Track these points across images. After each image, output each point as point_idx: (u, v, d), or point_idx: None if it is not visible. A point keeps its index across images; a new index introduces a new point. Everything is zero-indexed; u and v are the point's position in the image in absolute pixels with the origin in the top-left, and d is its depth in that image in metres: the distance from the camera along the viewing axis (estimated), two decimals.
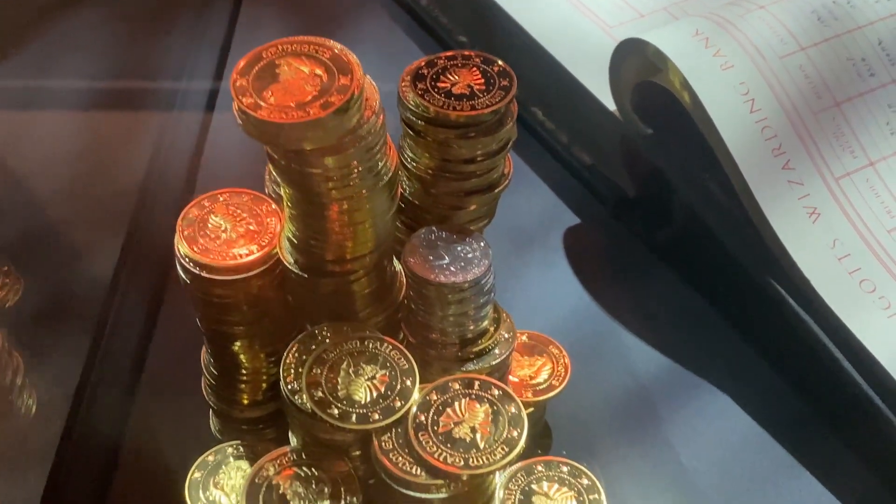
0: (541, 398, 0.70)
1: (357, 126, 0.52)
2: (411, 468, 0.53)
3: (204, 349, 0.68)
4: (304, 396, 0.55)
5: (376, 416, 0.55)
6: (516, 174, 0.93)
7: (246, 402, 0.68)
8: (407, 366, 0.57)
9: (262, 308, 0.62)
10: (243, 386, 0.67)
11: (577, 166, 0.91)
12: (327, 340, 0.58)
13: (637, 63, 0.80)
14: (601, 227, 0.88)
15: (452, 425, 0.54)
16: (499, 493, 0.58)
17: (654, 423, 0.75)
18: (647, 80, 0.79)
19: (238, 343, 0.64)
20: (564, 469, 0.62)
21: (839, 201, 0.75)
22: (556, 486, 0.62)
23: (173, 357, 0.77)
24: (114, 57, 1.00)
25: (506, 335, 0.63)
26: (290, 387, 0.56)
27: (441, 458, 0.53)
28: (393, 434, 0.55)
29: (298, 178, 0.53)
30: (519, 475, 0.62)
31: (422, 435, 0.54)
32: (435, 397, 0.56)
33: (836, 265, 0.73)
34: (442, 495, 0.53)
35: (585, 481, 0.62)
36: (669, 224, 0.85)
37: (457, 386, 0.56)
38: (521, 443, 0.54)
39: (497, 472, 0.57)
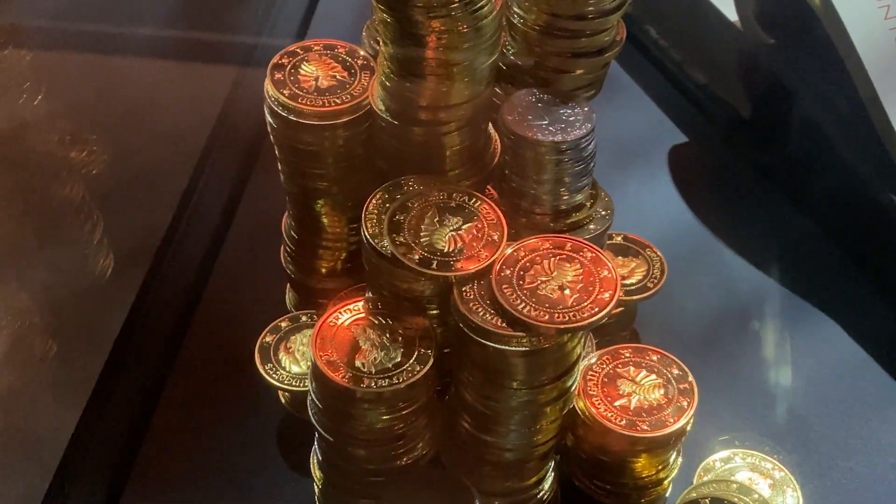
0: (632, 298, 0.66)
1: None
2: (492, 318, 0.50)
3: (286, 215, 0.65)
4: (386, 240, 0.52)
5: (458, 265, 0.51)
6: (623, 91, 0.90)
7: (324, 271, 0.65)
8: (495, 220, 0.53)
9: (348, 164, 0.59)
10: (322, 252, 0.64)
11: (689, 85, 0.87)
12: (413, 189, 0.55)
13: None
14: (710, 148, 0.84)
15: (539, 282, 0.51)
16: (581, 365, 0.54)
17: (752, 342, 0.70)
18: None
19: (321, 202, 0.61)
20: (654, 357, 0.58)
21: None
22: (643, 371, 0.58)
23: (256, 229, 0.75)
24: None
25: (602, 212, 0.59)
26: (371, 231, 0.53)
27: (524, 311, 0.49)
28: (475, 286, 0.51)
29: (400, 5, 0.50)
30: (604, 357, 0.58)
31: (505, 287, 0.50)
32: (523, 254, 0.52)
33: None
34: (522, 349, 0.50)
35: (676, 371, 0.58)
36: (785, 144, 0.79)
37: (547, 245, 0.53)
38: (612, 304, 0.50)
39: (583, 344, 0.53)
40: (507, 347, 0.50)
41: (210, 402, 0.67)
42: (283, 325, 0.65)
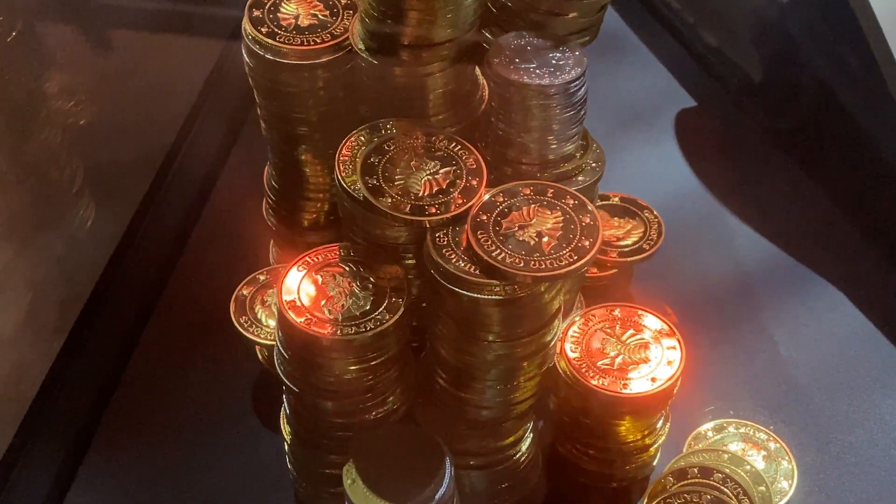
0: (627, 260, 0.64)
1: None
2: (466, 266, 0.47)
3: (267, 166, 0.63)
4: (358, 182, 0.50)
5: (433, 210, 0.49)
6: (631, 54, 0.87)
7: (306, 223, 0.62)
8: (475, 166, 0.51)
9: (329, 108, 0.57)
10: (304, 203, 0.62)
11: (700, 48, 0.83)
12: (391, 132, 0.52)
13: None
14: (718, 112, 0.81)
15: (517, 228, 0.48)
16: (562, 321, 0.52)
17: (751, 310, 0.67)
18: None
19: (302, 149, 0.59)
20: (642, 316, 0.56)
21: None
22: (630, 330, 0.55)
23: (243, 187, 0.73)
24: None
25: (593, 164, 0.56)
26: (343, 172, 0.51)
27: (499, 257, 0.47)
28: (450, 232, 0.49)
29: None
30: (589, 315, 0.56)
31: (480, 233, 0.48)
32: (501, 199, 0.49)
33: None
34: (497, 297, 0.47)
35: (664, 331, 0.55)
36: (797, 110, 0.76)
37: (527, 191, 0.50)
38: (593, 253, 0.47)
39: (562, 296, 0.51)
40: (481, 296, 0.47)
41: (186, 356, 0.65)
42: (261, 277, 0.63)
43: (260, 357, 0.63)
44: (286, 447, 0.56)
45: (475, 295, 0.47)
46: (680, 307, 0.64)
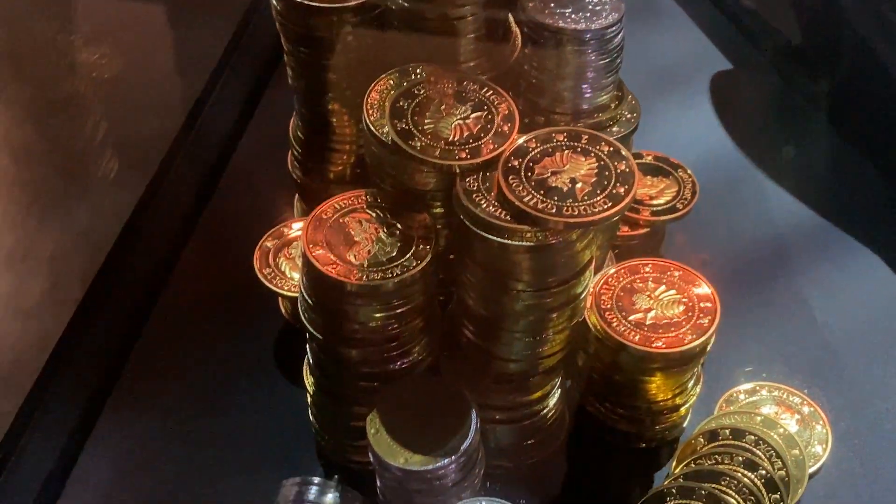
0: (659, 219, 0.62)
1: None
2: (496, 211, 0.46)
3: (293, 117, 0.62)
4: (387, 126, 0.48)
5: (463, 154, 0.47)
6: (667, 16, 0.85)
7: (332, 175, 0.61)
8: (507, 112, 0.49)
9: (357, 55, 0.55)
10: (329, 155, 0.60)
11: (738, 11, 0.82)
12: (421, 76, 0.51)
13: None
14: (755, 75, 0.79)
15: (549, 174, 0.47)
16: (592, 274, 0.50)
17: (787, 274, 0.66)
18: None
19: (329, 97, 0.58)
20: (677, 273, 0.54)
21: None
22: (662, 286, 0.53)
23: (270, 141, 0.71)
24: None
25: (628, 115, 0.55)
26: (372, 117, 0.49)
27: (530, 203, 0.45)
28: (480, 177, 0.47)
29: None
30: (622, 271, 0.54)
31: (512, 178, 0.46)
32: (534, 145, 0.48)
33: None
34: (527, 244, 0.46)
35: (699, 289, 0.53)
36: (836, 71, 0.74)
37: (561, 137, 0.48)
38: (628, 199, 0.45)
39: (596, 246, 0.49)
40: (511, 242, 0.46)
41: (208, 310, 0.64)
42: (286, 231, 0.62)
43: (283, 311, 0.62)
44: (309, 400, 0.55)
45: (505, 241, 0.46)
46: (713, 269, 0.62)
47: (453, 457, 0.47)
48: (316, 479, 0.51)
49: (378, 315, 0.48)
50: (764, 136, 0.74)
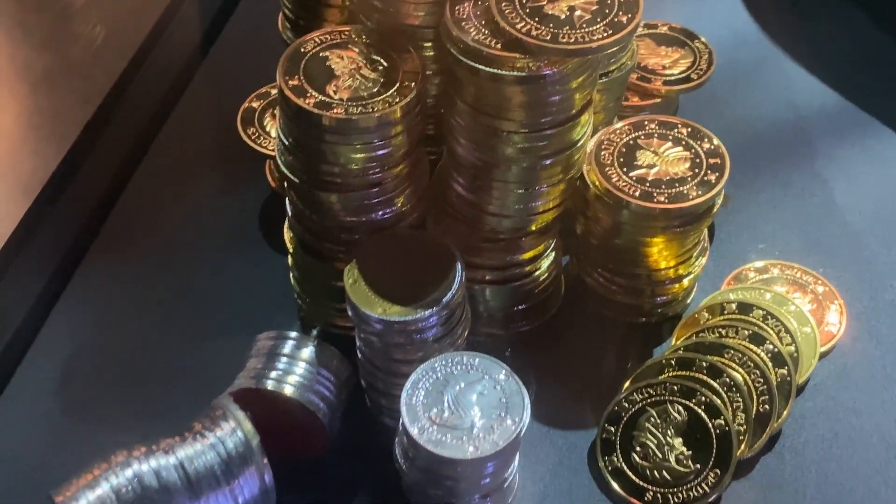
0: (672, 88, 0.58)
1: None
2: (486, 39, 0.42)
3: None
4: None
5: None
6: None
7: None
8: None
9: None
10: (321, 10, 0.57)
11: None
12: None
13: None
14: None
15: (546, 1, 0.43)
16: (591, 122, 0.47)
17: (806, 154, 0.62)
18: None
19: None
20: (685, 129, 0.50)
21: None
22: (668, 143, 0.50)
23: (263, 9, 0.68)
24: None
25: None
26: None
27: (524, 30, 0.42)
28: (471, 4, 0.44)
29: None
30: (625, 127, 0.50)
31: (505, 5, 0.43)
32: None
33: None
34: (517, 75, 0.42)
35: (707, 145, 0.50)
36: None
37: None
38: (630, 28, 0.42)
39: (593, 88, 0.45)
40: (501, 72, 0.42)
41: (193, 171, 0.61)
42: (272, 92, 0.58)
43: (270, 179, 0.59)
44: (289, 261, 0.52)
45: (495, 70, 0.42)
46: (727, 146, 0.59)
47: (435, 308, 0.44)
48: (292, 333, 0.48)
49: (358, 156, 0.45)
50: (786, 15, 0.70)
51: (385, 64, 0.46)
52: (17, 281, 0.54)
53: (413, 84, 0.45)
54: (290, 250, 0.51)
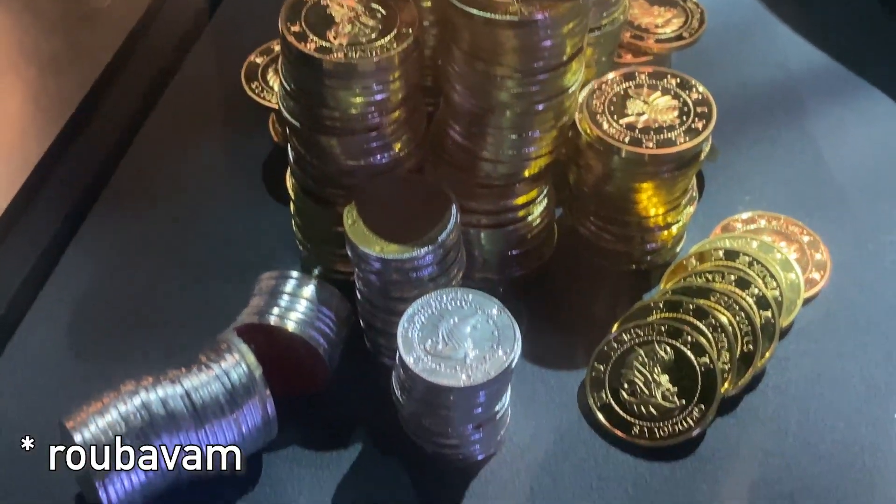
0: (664, 45, 0.60)
1: None
2: None
3: None
4: None
5: None
6: None
7: None
8: None
9: None
10: None
11: None
12: None
13: None
14: None
15: None
16: (582, 68, 0.48)
17: (795, 113, 0.63)
18: None
19: None
20: (674, 80, 0.52)
21: None
22: (657, 93, 0.51)
23: None
24: None
25: None
26: None
27: None
28: None
29: None
30: (617, 77, 0.52)
31: None
32: None
33: None
34: (511, 19, 0.43)
35: (696, 95, 0.51)
36: None
37: None
38: None
39: (584, 34, 0.47)
40: (495, 16, 0.44)
41: (199, 124, 0.63)
42: (276, 48, 0.60)
43: (273, 134, 0.61)
44: (291, 208, 0.54)
45: (489, 15, 0.44)
46: (720, 102, 0.60)
47: (430, 247, 0.46)
48: (294, 273, 0.50)
49: (357, 100, 0.47)
50: None
51: (383, 12, 0.47)
52: (31, 226, 0.56)
53: (410, 31, 0.46)
54: (293, 197, 0.53)
